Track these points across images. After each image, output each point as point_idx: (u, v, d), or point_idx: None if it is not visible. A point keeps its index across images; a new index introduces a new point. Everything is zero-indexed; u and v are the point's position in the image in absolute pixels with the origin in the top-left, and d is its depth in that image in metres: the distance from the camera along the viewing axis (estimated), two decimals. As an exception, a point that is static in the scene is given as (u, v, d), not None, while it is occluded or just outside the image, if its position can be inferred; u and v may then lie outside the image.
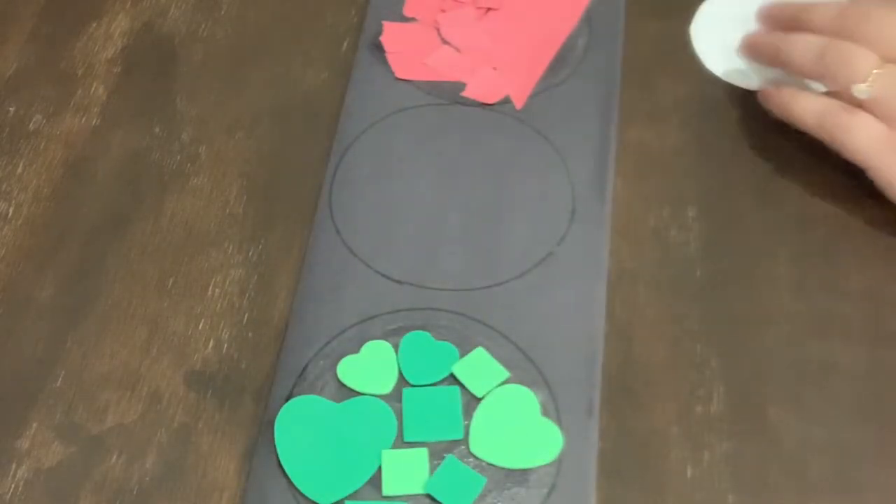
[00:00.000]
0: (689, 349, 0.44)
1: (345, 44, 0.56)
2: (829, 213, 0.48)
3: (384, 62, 0.54)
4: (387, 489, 0.40)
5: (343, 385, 0.43)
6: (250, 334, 0.46)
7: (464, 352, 0.44)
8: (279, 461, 0.41)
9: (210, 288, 0.47)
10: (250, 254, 0.48)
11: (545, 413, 0.42)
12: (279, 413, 0.42)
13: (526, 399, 0.42)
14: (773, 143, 0.50)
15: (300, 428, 0.42)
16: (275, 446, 0.42)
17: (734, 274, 0.47)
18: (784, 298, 0.46)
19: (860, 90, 0.42)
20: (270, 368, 0.44)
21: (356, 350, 0.44)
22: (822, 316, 0.45)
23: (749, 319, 0.45)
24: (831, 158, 0.50)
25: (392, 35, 0.55)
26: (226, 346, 0.45)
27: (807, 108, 0.45)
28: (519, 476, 0.41)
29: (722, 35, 0.54)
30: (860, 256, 0.47)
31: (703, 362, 0.44)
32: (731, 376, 0.43)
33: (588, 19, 0.55)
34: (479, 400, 0.42)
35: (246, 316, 0.46)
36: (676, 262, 0.47)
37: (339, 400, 0.43)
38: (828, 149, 0.50)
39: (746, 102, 0.52)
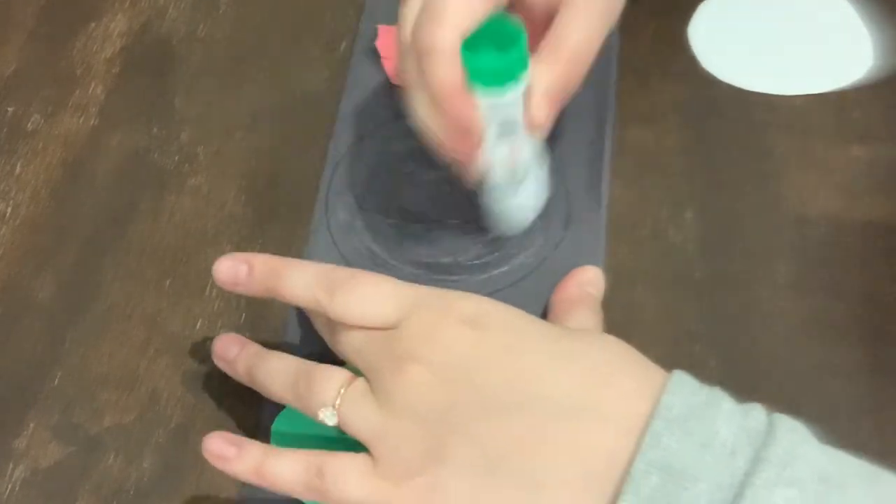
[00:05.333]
0: (687, 349, 0.44)
1: (343, 44, 0.56)
2: (828, 213, 0.48)
3: (380, 68, 0.54)
4: None
5: None
6: (248, 335, 0.45)
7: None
8: None
9: (208, 288, 0.47)
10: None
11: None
12: (277, 418, 0.42)
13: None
14: (772, 143, 0.50)
15: (298, 432, 0.42)
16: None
17: (733, 274, 0.46)
18: (783, 298, 0.46)
19: (326, 415, 0.37)
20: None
21: None
22: (821, 316, 0.45)
23: (748, 320, 0.45)
24: (830, 159, 0.50)
25: (387, 40, 0.55)
26: (224, 346, 0.45)
27: (287, 469, 0.37)
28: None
29: (721, 35, 0.54)
30: (860, 256, 0.47)
31: (702, 363, 0.44)
32: (730, 377, 0.43)
33: None
34: None
35: (244, 316, 0.46)
36: (675, 263, 0.47)
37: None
38: (827, 149, 0.50)
39: (745, 103, 0.52)
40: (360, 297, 0.38)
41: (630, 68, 0.54)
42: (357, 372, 0.38)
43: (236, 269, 0.40)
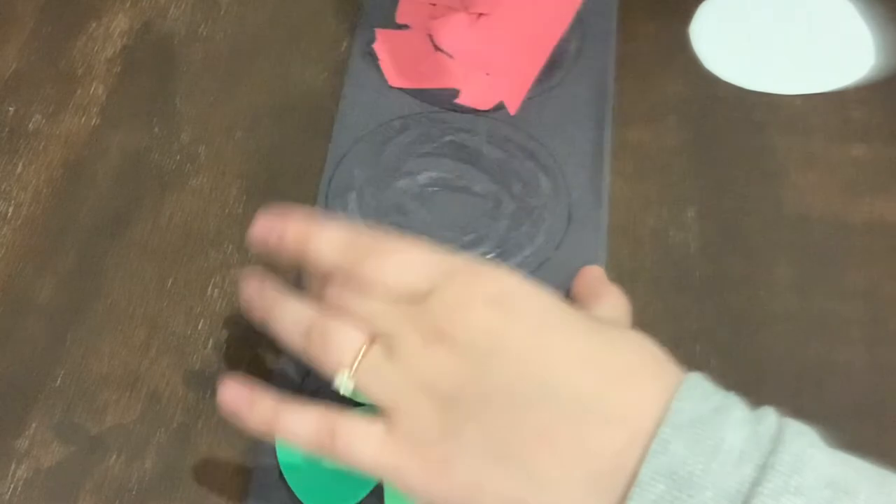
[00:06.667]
0: (688, 349, 0.44)
1: (343, 44, 0.56)
2: (829, 213, 0.48)
3: (377, 70, 0.54)
4: (389, 500, 0.40)
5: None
6: (250, 334, 0.46)
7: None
8: (280, 472, 0.41)
9: (209, 288, 0.47)
10: (250, 254, 0.48)
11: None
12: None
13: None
14: (773, 143, 0.50)
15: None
16: (275, 452, 0.41)
17: (733, 274, 0.47)
18: (783, 298, 0.46)
19: (342, 383, 0.36)
20: (271, 370, 0.44)
21: None
22: (821, 316, 0.45)
23: (749, 319, 0.45)
24: (831, 158, 0.50)
25: (385, 42, 0.55)
26: (225, 346, 0.45)
27: (299, 426, 0.37)
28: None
29: (721, 35, 0.54)
30: (860, 256, 0.47)
31: (703, 362, 0.44)
32: (731, 376, 0.43)
33: (580, 21, 0.55)
34: None
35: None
36: (676, 263, 0.47)
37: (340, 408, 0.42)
38: (827, 149, 0.50)
39: (746, 102, 0.52)
40: (395, 264, 0.37)
41: (631, 68, 0.54)
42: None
43: (270, 229, 0.40)
